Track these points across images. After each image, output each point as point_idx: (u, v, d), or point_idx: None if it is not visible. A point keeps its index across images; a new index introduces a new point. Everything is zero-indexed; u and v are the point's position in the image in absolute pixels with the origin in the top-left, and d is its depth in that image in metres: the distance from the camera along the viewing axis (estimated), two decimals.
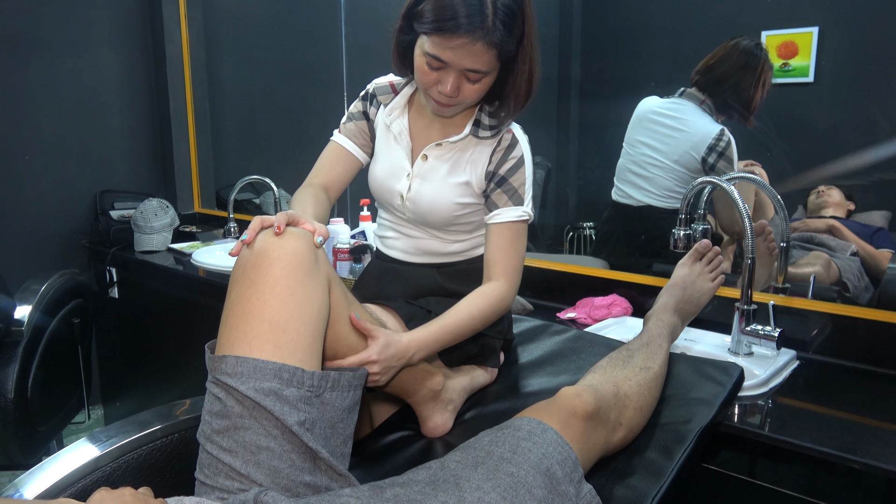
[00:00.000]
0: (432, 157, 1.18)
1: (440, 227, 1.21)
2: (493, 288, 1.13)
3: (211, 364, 0.83)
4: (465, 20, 0.96)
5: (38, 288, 1.85)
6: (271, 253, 0.84)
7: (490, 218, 1.16)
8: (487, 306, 1.12)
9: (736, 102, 1.63)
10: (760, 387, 1.18)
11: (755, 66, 1.58)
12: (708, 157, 1.65)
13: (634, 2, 2.07)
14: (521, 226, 1.16)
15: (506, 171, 1.15)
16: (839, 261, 1.50)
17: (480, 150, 1.16)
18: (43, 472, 0.90)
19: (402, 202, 1.21)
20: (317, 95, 2.65)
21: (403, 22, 1.07)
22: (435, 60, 1.02)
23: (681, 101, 1.72)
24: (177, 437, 1.00)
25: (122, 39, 2.69)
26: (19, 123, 2.44)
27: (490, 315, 1.13)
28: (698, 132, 1.67)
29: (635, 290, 1.63)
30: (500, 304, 1.13)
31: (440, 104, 1.09)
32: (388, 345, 0.99)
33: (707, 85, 1.67)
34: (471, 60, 1.01)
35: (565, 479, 0.81)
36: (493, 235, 1.16)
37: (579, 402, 0.92)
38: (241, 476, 0.77)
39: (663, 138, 1.75)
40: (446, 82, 1.04)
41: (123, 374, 2.64)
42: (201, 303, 2.09)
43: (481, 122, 1.16)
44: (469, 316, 1.10)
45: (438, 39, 0.99)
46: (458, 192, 1.17)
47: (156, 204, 2.51)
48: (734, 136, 1.64)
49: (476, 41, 0.98)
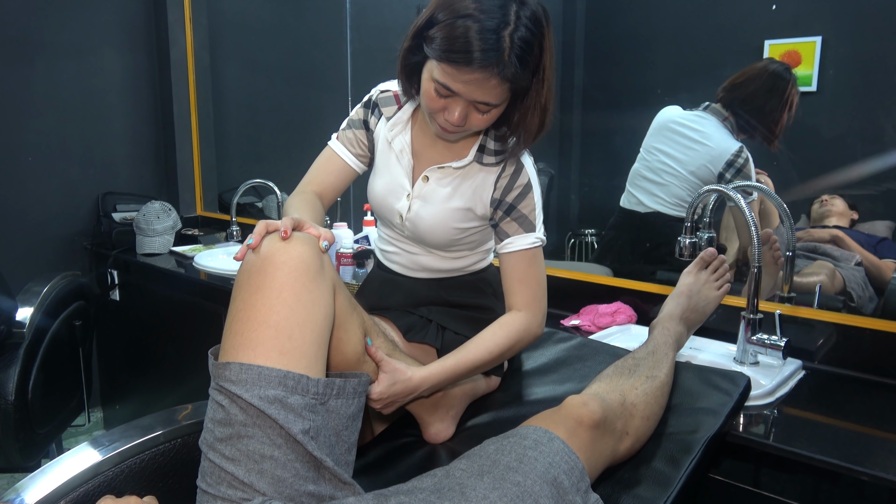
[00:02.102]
0: (433, 180, 1.14)
1: (440, 248, 1.19)
2: (515, 319, 1.10)
3: (214, 371, 0.81)
4: (479, 54, 0.91)
5: (40, 290, 1.84)
6: (277, 258, 0.83)
7: (502, 247, 1.12)
8: (509, 339, 1.09)
9: (760, 124, 1.63)
10: (766, 397, 1.17)
11: (783, 90, 1.58)
12: (725, 173, 1.65)
13: (638, 9, 2.07)
14: (535, 252, 1.12)
15: (513, 198, 1.11)
16: (843, 270, 1.50)
17: (484, 177, 1.12)
18: (44, 477, 0.89)
19: (401, 221, 1.18)
20: (321, 99, 2.65)
21: (413, 42, 1.01)
22: (444, 89, 0.97)
23: (704, 115, 1.73)
24: (179, 443, 0.99)
25: (127, 42, 2.69)
26: (23, 125, 2.44)
27: (513, 347, 1.10)
28: (718, 146, 1.68)
29: (640, 298, 1.62)
30: (526, 335, 1.11)
31: (445, 130, 1.04)
32: (394, 382, 0.99)
33: (732, 103, 1.67)
34: (482, 94, 0.96)
35: (572, 489, 0.80)
36: (507, 266, 1.12)
37: (586, 410, 0.91)
38: (244, 485, 0.76)
39: (682, 148, 1.75)
40: (453, 111, 0.99)
41: (123, 376, 2.63)
42: (202, 306, 2.08)
43: (486, 148, 1.11)
44: (488, 352, 1.07)
45: (450, 70, 0.94)
46: (459, 216, 1.13)
47: (158, 207, 2.51)
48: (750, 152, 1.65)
49: (490, 77, 0.93)
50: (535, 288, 1.12)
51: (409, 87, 1.09)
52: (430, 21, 0.96)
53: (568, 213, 2.32)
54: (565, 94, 2.21)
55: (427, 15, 0.97)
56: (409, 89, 1.10)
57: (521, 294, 1.11)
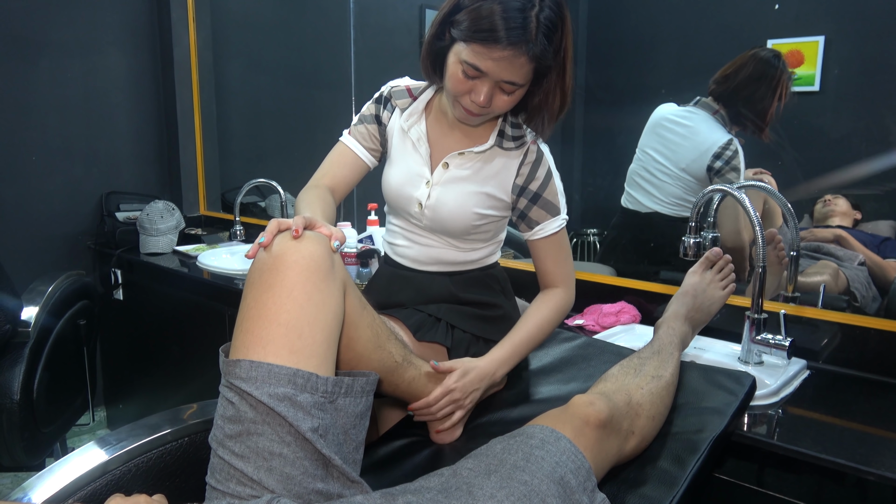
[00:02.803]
0: (454, 166, 1.17)
1: (458, 235, 1.21)
2: (555, 296, 1.20)
3: (225, 368, 0.82)
4: (508, 32, 0.96)
5: (45, 289, 1.84)
6: (289, 256, 0.84)
7: (533, 234, 1.19)
8: (553, 315, 1.19)
9: (750, 113, 1.62)
10: (771, 396, 1.18)
11: (771, 77, 1.57)
12: (713, 165, 1.64)
13: (641, 10, 2.07)
14: (562, 232, 1.20)
15: (538, 186, 1.16)
16: (847, 270, 1.50)
17: (505, 163, 1.16)
18: (52, 475, 0.89)
19: (420, 210, 1.19)
20: (324, 99, 2.65)
21: (438, 28, 1.06)
22: (472, 69, 1.01)
23: (694, 110, 1.72)
24: (186, 442, 1.00)
25: (131, 42, 2.70)
26: (27, 124, 2.44)
27: (556, 322, 1.20)
28: (706, 140, 1.67)
29: (644, 298, 1.62)
30: (565, 310, 1.21)
31: (470, 112, 1.07)
32: (466, 372, 1.08)
33: (722, 95, 1.67)
34: (510, 73, 1.00)
35: (579, 489, 0.81)
36: (540, 250, 1.20)
37: (592, 410, 0.91)
38: (253, 482, 0.77)
39: (672, 146, 1.75)
40: (480, 92, 1.03)
41: (126, 375, 2.64)
42: (206, 305, 2.09)
43: (505, 133, 1.15)
44: (538, 328, 1.17)
45: (480, 48, 0.99)
46: (481, 201, 1.17)
47: (161, 206, 2.51)
48: (745, 146, 1.63)
49: (520, 55, 0.98)
50: (568, 265, 1.22)
51: (432, 74, 1.14)
52: (457, 6, 1.02)
53: (570, 212, 2.32)
54: None
55: (453, 2, 1.03)
56: (433, 75, 1.14)
57: (558, 273, 1.21)
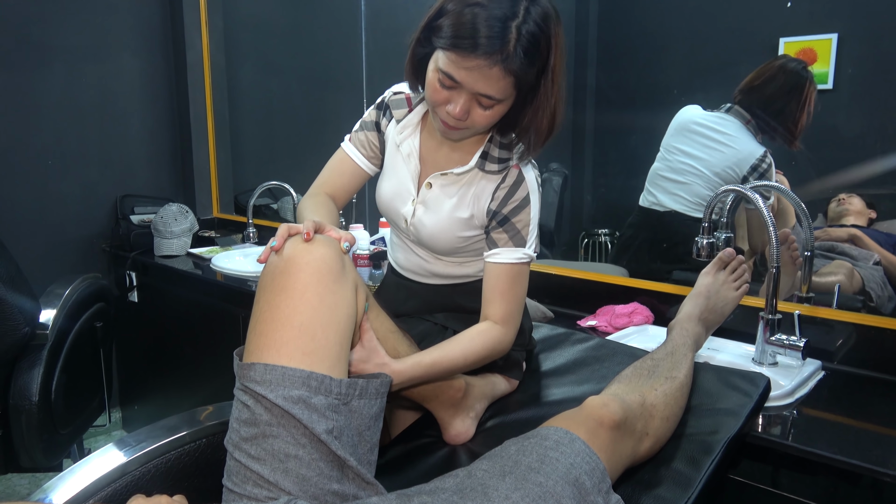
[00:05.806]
0: (436, 187, 1.13)
1: (446, 253, 1.18)
2: (489, 329, 1.08)
3: (239, 371, 0.83)
4: (484, 41, 0.91)
5: (63, 292, 1.87)
6: (300, 259, 0.84)
7: (489, 256, 1.11)
8: (483, 350, 1.07)
9: (780, 125, 1.63)
10: (786, 397, 1.17)
11: (802, 88, 1.57)
12: (749, 177, 1.65)
13: (651, 9, 2.07)
14: (521, 268, 1.10)
15: (509, 210, 1.09)
16: (862, 270, 1.49)
17: (484, 186, 1.10)
18: (72, 476, 0.91)
19: (406, 226, 1.18)
20: (336, 102, 2.66)
21: (422, 34, 1.01)
22: (447, 79, 0.96)
23: (726, 117, 1.72)
24: (204, 443, 1.01)
25: (144, 46, 2.72)
26: (42, 128, 2.47)
27: (484, 359, 1.08)
28: (743, 150, 1.68)
29: (656, 299, 1.62)
30: (497, 348, 1.09)
31: (447, 126, 1.03)
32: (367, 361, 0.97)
33: (751, 105, 1.67)
34: (485, 85, 0.95)
35: (594, 490, 0.81)
36: (491, 275, 1.10)
37: (606, 411, 0.91)
38: (270, 484, 0.78)
39: (705, 149, 1.75)
40: (456, 103, 0.98)
41: (141, 377, 2.66)
42: (219, 307, 2.10)
43: (489, 155, 1.10)
44: (464, 358, 1.05)
45: (454, 57, 0.94)
46: (461, 225, 1.12)
47: (175, 209, 2.53)
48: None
49: (493, 65, 0.92)
50: (515, 304, 1.10)
51: (415, 81, 1.09)
52: (440, 11, 0.97)
53: (581, 213, 2.32)
54: (578, 93, 2.21)
55: (437, 6, 0.98)
56: (416, 83, 1.09)
57: (501, 307, 1.09)
